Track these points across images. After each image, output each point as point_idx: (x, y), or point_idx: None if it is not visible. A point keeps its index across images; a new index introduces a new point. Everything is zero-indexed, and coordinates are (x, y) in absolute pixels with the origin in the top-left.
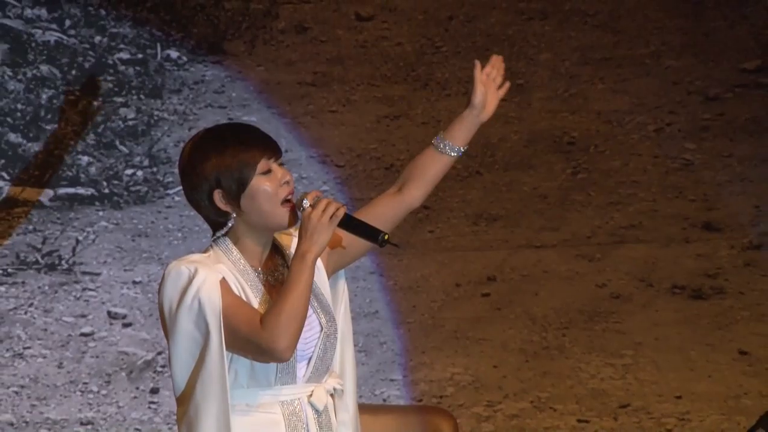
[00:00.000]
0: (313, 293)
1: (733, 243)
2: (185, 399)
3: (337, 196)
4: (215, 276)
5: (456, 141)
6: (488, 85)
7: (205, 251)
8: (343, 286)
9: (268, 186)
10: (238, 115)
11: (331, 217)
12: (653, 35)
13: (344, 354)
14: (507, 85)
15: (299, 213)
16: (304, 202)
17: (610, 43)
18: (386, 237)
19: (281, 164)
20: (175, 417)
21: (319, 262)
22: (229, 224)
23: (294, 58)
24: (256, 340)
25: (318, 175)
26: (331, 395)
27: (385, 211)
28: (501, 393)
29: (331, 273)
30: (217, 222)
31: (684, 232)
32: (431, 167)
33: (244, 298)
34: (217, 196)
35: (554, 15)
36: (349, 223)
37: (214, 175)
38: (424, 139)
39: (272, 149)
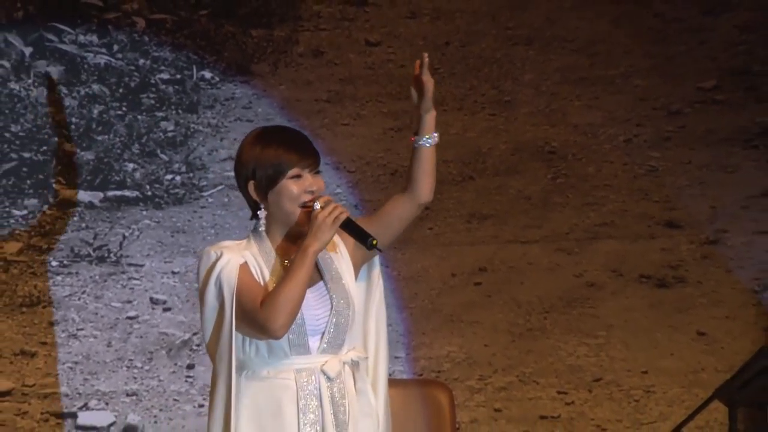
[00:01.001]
0: (330, 277)
1: (692, 239)
2: (215, 372)
3: (348, 198)
4: (237, 260)
5: (422, 132)
6: (418, 82)
7: (244, 238)
8: (378, 274)
9: (294, 188)
10: (262, 123)
11: (334, 219)
12: (623, 58)
13: (373, 331)
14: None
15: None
16: (316, 204)
17: (586, 65)
18: (374, 242)
19: (317, 173)
20: (208, 388)
21: (345, 253)
22: (260, 214)
23: (311, 78)
24: (256, 317)
25: (332, 180)
26: (350, 366)
27: (398, 211)
28: (491, 368)
29: (360, 264)
30: (252, 209)
31: (649, 229)
32: (417, 162)
33: (261, 280)
34: (251, 186)
35: (537, 41)
36: (348, 226)
37: (252, 166)
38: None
39: (309, 159)
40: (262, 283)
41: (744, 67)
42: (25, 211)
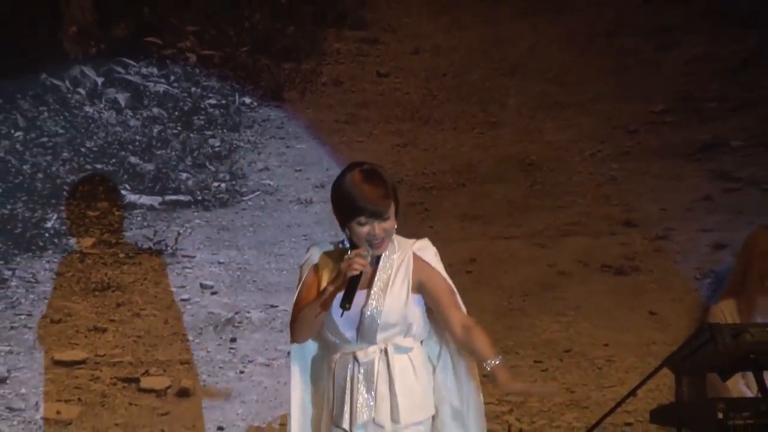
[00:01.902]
0: (378, 286)
1: (645, 235)
2: None
3: None
4: (312, 261)
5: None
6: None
7: (338, 243)
8: (411, 290)
9: (359, 231)
10: (293, 143)
11: (344, 274)
12: (590, 86)
13: (414, 327)
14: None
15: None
16: (350, 252)
17: (559, 92)
18: (347, 306)
19: (386, 218)
20: (248, 359)
21: (407, 266)
22: (344, 237)
23: (332, 103)
24: (291, 317)
25: None
26: (385, 353)
27: (443, 325)
28: None
29: (416, 291)
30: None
31: (610, 227)
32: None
33: (325, 278)
34: (335, 212)
35: (519, 72)
36: (351, 282)
37: (335, 201)
38: (425, 161)
39: (376, 211)
40: (317, 283)
41: (689, 94)
42: (97, 212)
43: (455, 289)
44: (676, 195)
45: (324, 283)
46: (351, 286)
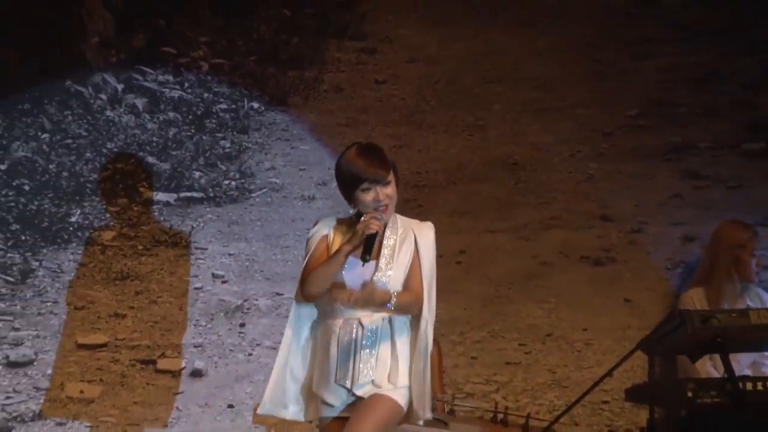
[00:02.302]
0: (385, 258)
1: (620, 229)
2: None
3: None
4: (322, 232)
5: None
6: None
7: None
8: (431, 269)
9: (364, 199)
10: (297, 144)
11: (363, 231)
12: (570, 93)
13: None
14: None
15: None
16: (364, 216)
17: (542, 98)
18: (367, 258)
19: (389, 182)
20: (256, 342)
21: (413, 247)
22: (351, 210)
23: (333, 108)
24: (301, 280)
25: None
26: (389, 322)
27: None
28: (469, 326)
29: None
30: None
31: (588, 221)
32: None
33: (336, 244)
34: (340, 189)
35: (505, 81)
36: (369, 239)
37: (338, 176)
38: (419, 161)
39: (376, 178)
40: (328, 249)
41: (661, 99)
42: (117, 208)
43: (432, 272)
44: (649, 192)
45: (336, 242)
46: (369, 242)
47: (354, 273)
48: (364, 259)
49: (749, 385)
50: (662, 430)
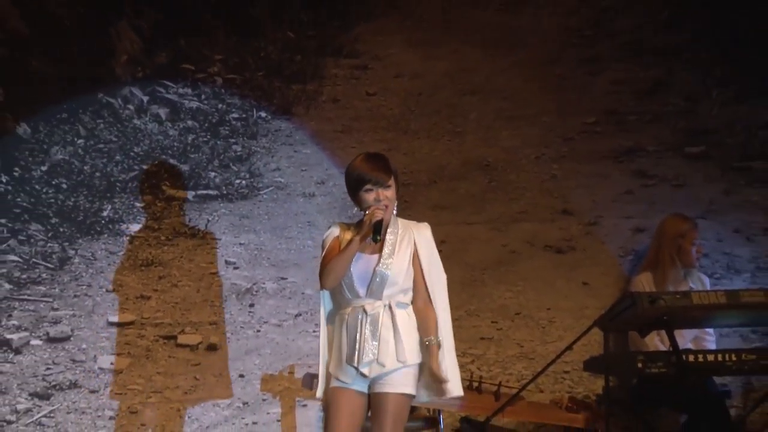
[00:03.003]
0: (387, 252)
1: (579, 221)
2: None
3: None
4: (334, 234)
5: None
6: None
7: (357, 221)
8: (436, 263)
9: (367, 198)
10: (299, 148)
11: (370, 220)
12: (535, 103)
13: (436, 294)
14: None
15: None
16: (367, 212)
17: (511, 107)
18: (377, 238)
19: (389, 186)
20: (264, 320)
21: (412, 244)
22: (356, 204)
23: (331, 117)
24: (319, 272)
25: (344, 187)
26: (390, 308)
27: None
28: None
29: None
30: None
31: (552, 215)
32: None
33: (346, 241)
34: (348, 190)
35: (480, 92)
36: (376, 224)
37: (346, 179)
38: (404, 163)
39: (378, 180)
40: (339, 246)
41: (614, 108)
42: (143, 204)
43: (437, 268)
44: (604, 189)
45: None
46: (377, 227)
47: (360, 265)
48: (375, 240)
49: (691, 357)
50: (616, 396)
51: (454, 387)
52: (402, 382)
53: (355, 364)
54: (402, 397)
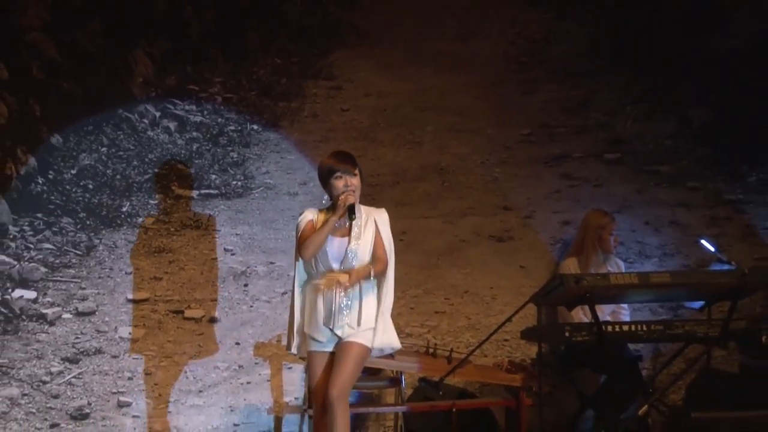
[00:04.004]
0: (355, 234)
1: (517, 215)
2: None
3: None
4: (308, 217)
5: None
6: None
7: (328, 207)
8: (390, 243)
9: (337, 184)
10: (285, 155)
11: (343, 203)
12: (481, 117)
13: (377, 256)
14: None
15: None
16: (341, 196)
17: (461, 121)
18: (353, 218)
19: (355, 175)
20: (256, 298)
21: (374, 226)
22: (325, 197)
23: (312, 129)
24: (298, 248)
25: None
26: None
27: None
28: (408, 285)
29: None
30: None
31: (494, 210)
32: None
33: (320, 222)
34: (320, 179)
35: (435, 109)
36: (350, 208)
37: (319, 171)
38: (373, 167)
39: (346, 170)
40: (314, 226)
41: (546, 122)
42: (156, 201)
43: (390, 244)
44: (537, 189)
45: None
46: (351, 209)
47: (334, 245)
48: (351, 219)
49: (609, 328)
50: (547, 360)
51: (390, 338)
52: (363, 337)
53: (331, 326)
54: (363, 347)
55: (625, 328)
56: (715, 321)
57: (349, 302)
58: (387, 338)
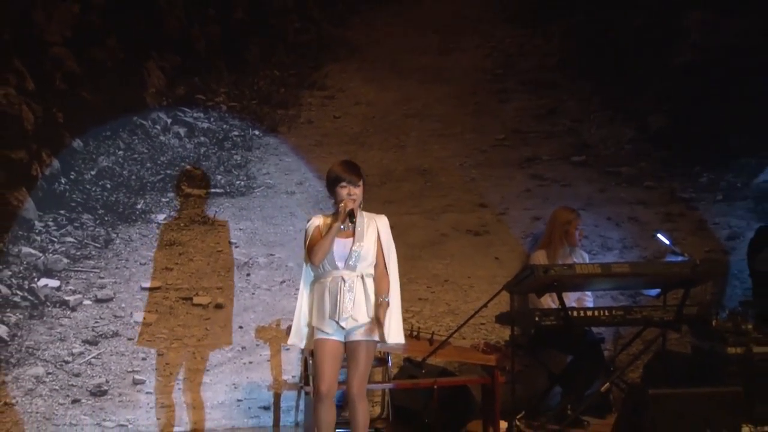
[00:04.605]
0: (358, 235)
1: (492, 212)
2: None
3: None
4: (315, 223)
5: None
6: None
7: (333, 212)
8: (390, 245)
9: (341, 192)
10: (283, 158)
11: (345, 210)
12: (459, 124)
13: (391, 268)
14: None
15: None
16: (341, 204)
17: (442, 128)
18: (354, 220)
19: (359, 185)
20: (257, 286)
21: (375, 231)
22: (332, 197)
23: (307, 134)
24: (307, 253)
25: (318, 184)
26: (359, 278)
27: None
28: None
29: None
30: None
31: (471, 207)
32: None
33: (325, 228)
34: (327, 185)
35: (418, 116)
36: (350, 214)
37: (327, 177)
38: (362, 168)
39: (351, 180)
40: (320, 233)
41: (518, 128)
42: (167, 199)
43: (391, 246)
44: (510, 189)
45: (324, 230)
46: (351, 214)
47: (339, 246)
48: (352, 222)
49: (574, 313)
50: (519, 341)
51: (398, 335)
52: (370, 332)
53: (336, 319)
54: (371, 343)
55: (589, 313)
56: (669, 307)
57: (353, 296)
58: (397, 336)
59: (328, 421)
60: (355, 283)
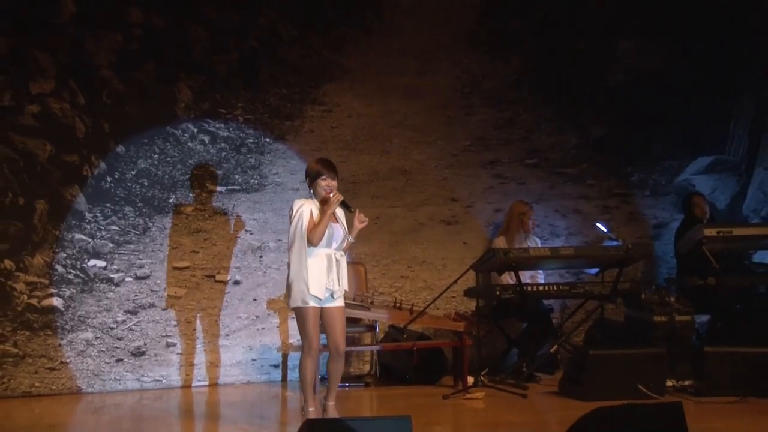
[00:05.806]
0: (341, 222)
1: (461, 205)
2: (292, 250)
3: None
4: (309, 207)
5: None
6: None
7: (308, 198)
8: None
9: (322, 184)
10: (290, 161)
11: (337, 200)
12: (434, 133)
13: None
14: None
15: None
16: (332, 193)
17: (419, 136)
18: (351, 209)
19: (335, 179)
20: (268, 266)
21: (345, 218)
22: (311, 191)
23: (309, 141)
24: (307, 235)
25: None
26: (342, 255)
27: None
28: (381, 257)
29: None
30: (310, 189)
31: (444, 201)
32: None
33: (315, 216)
34: (308, 180)
35: (399, 126)
36: (342, 203)
37: (308, 172)
38: (352, 170)
39: (331, 175)
40: (314, 218)
41: (482, 136)
42: (194, 194)
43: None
44: (476, 186)
45: (314, 214)
46: (344, 204)
47: (333, 230)
48: (350, 211)
49: (529, 288)
50: (483, 312)
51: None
52: (341, 297)
53: (331, 287)
54: (344, 308)
55: (541, 288)
56: (606, 283)
57: (341, 270)
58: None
59: (314, 371)
60: (342, 259)
